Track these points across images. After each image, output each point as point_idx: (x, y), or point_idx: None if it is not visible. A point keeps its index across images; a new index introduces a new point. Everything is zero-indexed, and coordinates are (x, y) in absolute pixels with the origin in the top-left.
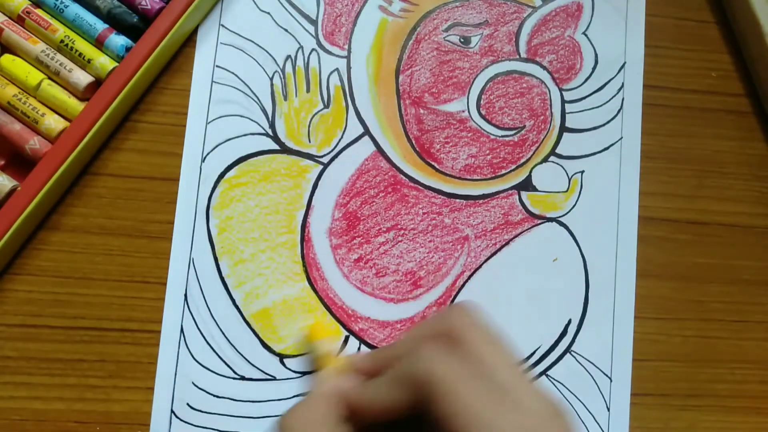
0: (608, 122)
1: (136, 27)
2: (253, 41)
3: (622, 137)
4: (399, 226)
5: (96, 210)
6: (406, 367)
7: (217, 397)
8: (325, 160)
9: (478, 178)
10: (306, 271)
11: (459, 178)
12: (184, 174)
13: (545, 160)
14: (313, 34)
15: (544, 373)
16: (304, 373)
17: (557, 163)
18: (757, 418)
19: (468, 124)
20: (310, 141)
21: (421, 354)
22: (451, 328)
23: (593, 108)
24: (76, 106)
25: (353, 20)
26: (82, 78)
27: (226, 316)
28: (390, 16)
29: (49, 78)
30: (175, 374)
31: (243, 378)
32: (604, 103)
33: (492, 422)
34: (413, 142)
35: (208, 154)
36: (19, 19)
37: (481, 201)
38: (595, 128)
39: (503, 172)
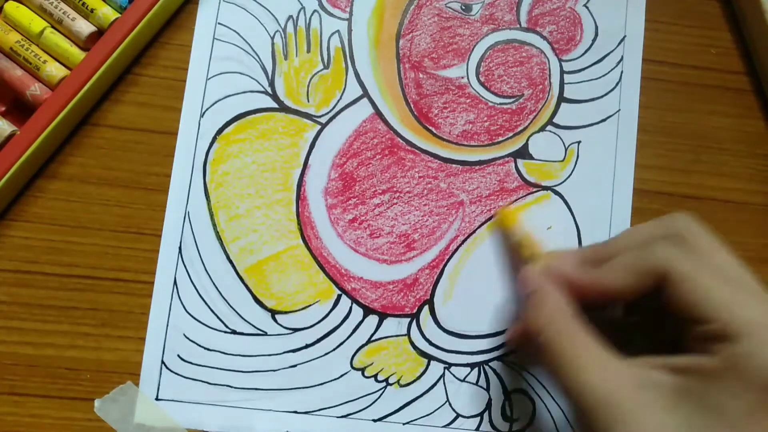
0: (606, 94)
1: None
2: (255, 0)
3: (619, 110)
4: (394, 189)
5: (94, 160)
6: (643, 256)
7: (208, 349)
8: (323, 120)
9: (475, 144)
10: (300, 230)
11: (456, 143)
12: (182, 128)
13: (542, 129)
14: None
15: None
16: (294, 330)
17: (554, 133)
18: None
19: (467, 90)
20: (308, 101)
21: (659, 247)
22: (680, 230)
23: (592, 79)
24: (77, 55)
25: None
26: (84, 27)
27: (219, 270)
28: None
29: (52, 26)
30: (167, 325)
31: (234, 332)
32: (603, 75)
33: (748, 311)
34: (411, 106)
35: (207, 109)
36: None
37: (477, 167)
38: (593, 99)
39: (500, 139)
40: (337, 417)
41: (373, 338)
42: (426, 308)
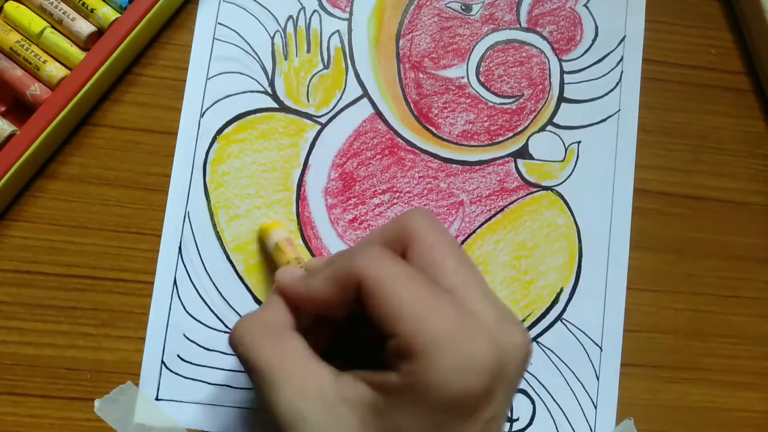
0: (606, 94)
1: None
2: (255, 0)
3: (619, 110)
4: (395, 189)
5: (94, 160)
6: (340, 264)
7: (208, 350)
8: (323, 120)
9: (475, 144)
10: (301, 229)
11: (456, 143)
12: (182, 128)
13: (542, 129)
14: None
15: (534, 339)
16: None
17: (554, 133)
18: (745, 393)
19: (467, 90)
20: (308, 101)
21: (357, 253)
22: (402, 231)
23: (592, 80)
24: (77, 55)
25: None
26: (84, 27)
27: (219, 270)
28: None
29: (52, 26)
30: (167, 325)
31: None
32: (603, 75)
33: (432, 325)
34: (411, 106)
35: (207, 109)
36: None
37: (477, 167)
38: (593, 99)
39: (500, 139)
40: None
41: None
42: None
